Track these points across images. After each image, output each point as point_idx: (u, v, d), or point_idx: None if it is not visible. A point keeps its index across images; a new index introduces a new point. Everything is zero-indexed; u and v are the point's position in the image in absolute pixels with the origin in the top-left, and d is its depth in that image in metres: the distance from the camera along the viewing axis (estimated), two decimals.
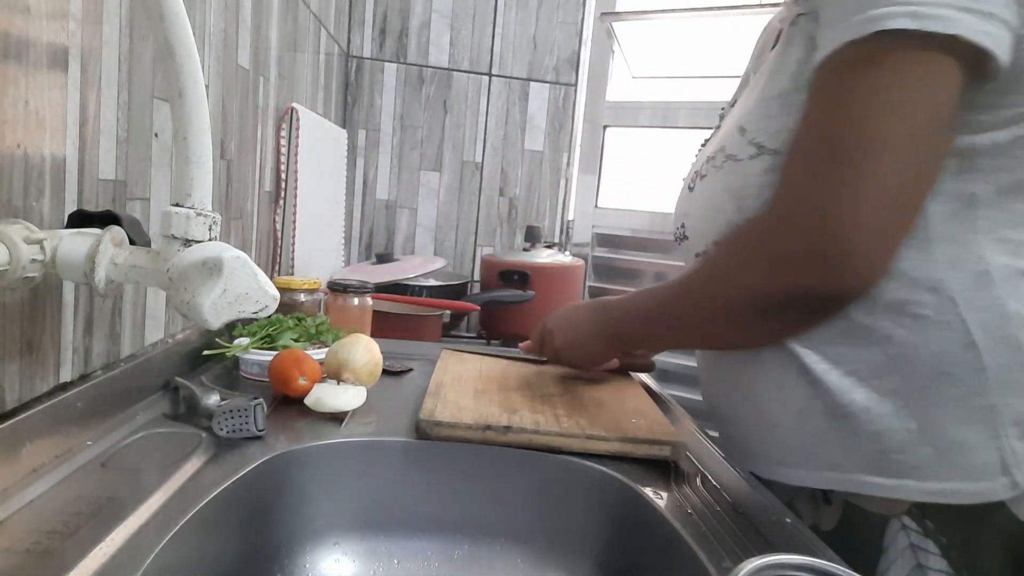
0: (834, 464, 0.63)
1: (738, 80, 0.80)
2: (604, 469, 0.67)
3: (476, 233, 1.88)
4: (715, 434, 0.77)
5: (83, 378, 0.63)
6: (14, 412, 0.54)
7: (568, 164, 1.87)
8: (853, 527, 0.63)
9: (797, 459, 0.65)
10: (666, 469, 0.68)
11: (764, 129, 0.61)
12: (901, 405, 0.60)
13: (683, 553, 0.55)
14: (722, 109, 0.81)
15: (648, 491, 0.63)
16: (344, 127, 1.74)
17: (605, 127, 1.89)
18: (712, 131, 0.78)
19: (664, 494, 0.63)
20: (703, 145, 0.79)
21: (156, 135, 0.73)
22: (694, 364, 1.69)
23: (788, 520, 0.58)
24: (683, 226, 0.74)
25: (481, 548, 0.70)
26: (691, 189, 0.72)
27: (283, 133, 1.21)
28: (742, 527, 0.57)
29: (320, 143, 1.42)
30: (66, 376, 0.61)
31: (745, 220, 0.63)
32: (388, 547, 0.69)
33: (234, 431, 0.66)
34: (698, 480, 0.67)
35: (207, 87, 0.83)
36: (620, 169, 1.91)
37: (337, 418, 0.74)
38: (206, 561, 0.55)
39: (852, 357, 0.61)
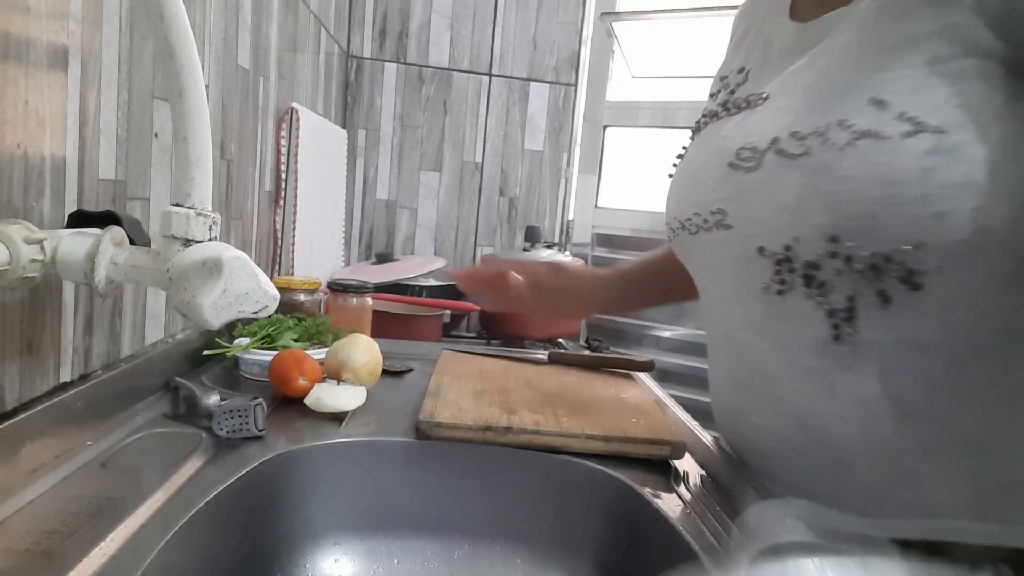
0: (934, 511, 0.55)
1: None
2: (604, 469, 0.67)
3: (476, 233, 1.87)
4: (716, 434, 0.77)
5: (83, 378, 0.63)
6: (14, 412, 0.54)
7: (568, 164, 1.87)
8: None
9: (886, 507, 0.56)
10: (666, 469, 0.68)
11: (921, 103, 0.50)
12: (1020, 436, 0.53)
13: (683, 553, 0.55)
14: (724, 78, 0.71)
15: (648, 491, 0.63)
16: (344, 127, 1.74)
17: (605, 127, 1.89)
18: (722, 103, 0.67)
19: (664, 494, 0.63)
20: (711, 119, 0.68)
21: (156, 135, 0.73)
22: (694, 364, 1.69)
23: (788, 520, 0.58)
24: (721, 211, 0.61)
25: (481, 548, 0.70)
26: (744, 169, 0.58)
27: (283, 133, 1.21)
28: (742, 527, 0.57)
29: (320, 143, 1.42)
30: (66, 376, 0.61)
31: None
32: (388, 547, 0.69)
33: (234, 431, 0.66)
34: (698, 480, 0.67)
35: (207, 87, 0.83)
36: (620, 169, 1.91)
37: (337, 418, 0.74)
38: (206, 561, 0.55)
39: (987, 382, 0.53)
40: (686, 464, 0.70)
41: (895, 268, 0.51)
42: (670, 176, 0.73)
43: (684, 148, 0.72)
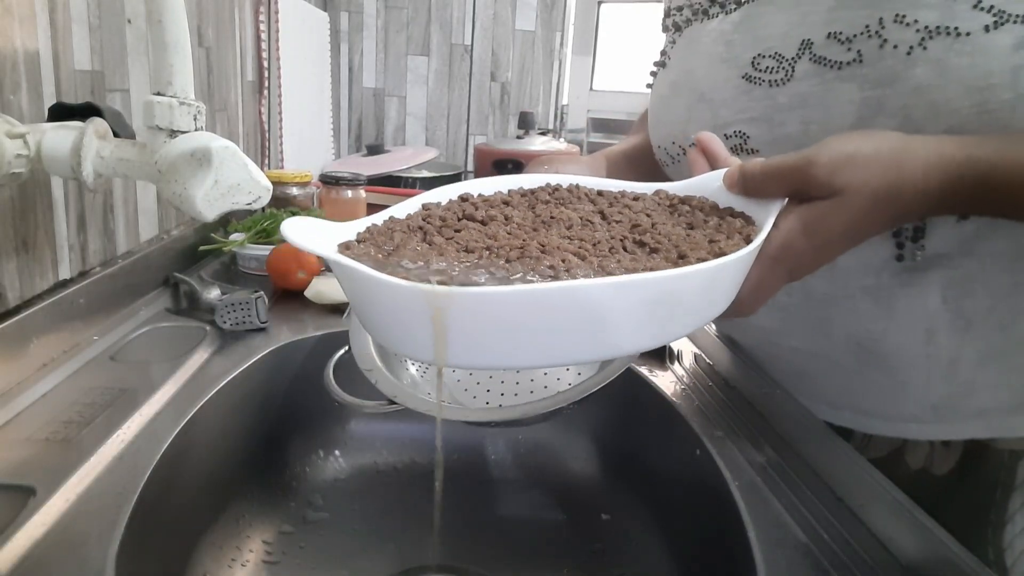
0: (983, 411, 0.54)
1: None
2: None
3: (468, 122, 1.83)
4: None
5: (82, 275, 0.64)
6: (17, 309, 0.54)
7: (561, 45, 1.79)
8: (974, 468, 0.56)
9: (937, 414, 0.55)
10: (661, 349, 0.70)
11: None
12: None
13: (677, 426, 0.57)
14: None
15: (644, 369, 0.65)
16: (325, 10, 1.65)
17: (600, 3, 1.80)
18: None
19: (660, 372, 0.65)
20: (696, 16, 0.58)
21: (129, 21, 0.70)
22: None
23: (778, 391, 0.60)
24: (741, 134, 0.53)
25: (479, 427, 0.73)
26: (768, 84, 0.51)
27: (262, 18, 1.15)
28: (733, 400, 0.60)
29: (301, 28, 1.36)
30: (65, 273, 0.61)
31: None
32: (395, 428, 0.72)
33: (238, 323, 0.67)
34: (692, 358, 0.69)
35: None
36: (616, 49, 1.84)
37: (339, 309, 0.75)
38: (219, 446, 0.57)
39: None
40: (680, 343, 0.72)
41: None
42: (649, 87, 0.65)
43: (664, 55, 0.63)
